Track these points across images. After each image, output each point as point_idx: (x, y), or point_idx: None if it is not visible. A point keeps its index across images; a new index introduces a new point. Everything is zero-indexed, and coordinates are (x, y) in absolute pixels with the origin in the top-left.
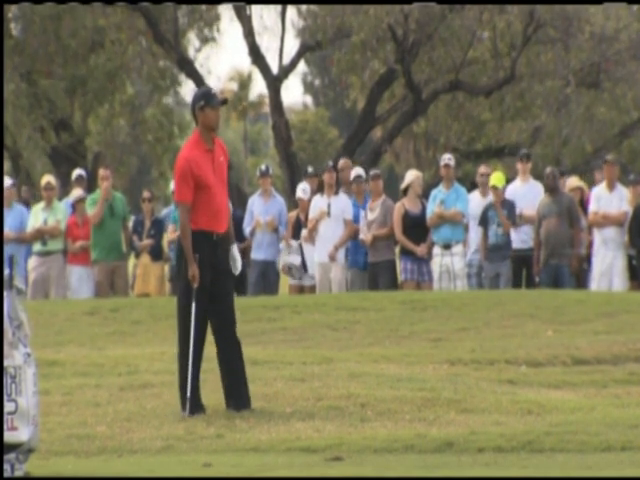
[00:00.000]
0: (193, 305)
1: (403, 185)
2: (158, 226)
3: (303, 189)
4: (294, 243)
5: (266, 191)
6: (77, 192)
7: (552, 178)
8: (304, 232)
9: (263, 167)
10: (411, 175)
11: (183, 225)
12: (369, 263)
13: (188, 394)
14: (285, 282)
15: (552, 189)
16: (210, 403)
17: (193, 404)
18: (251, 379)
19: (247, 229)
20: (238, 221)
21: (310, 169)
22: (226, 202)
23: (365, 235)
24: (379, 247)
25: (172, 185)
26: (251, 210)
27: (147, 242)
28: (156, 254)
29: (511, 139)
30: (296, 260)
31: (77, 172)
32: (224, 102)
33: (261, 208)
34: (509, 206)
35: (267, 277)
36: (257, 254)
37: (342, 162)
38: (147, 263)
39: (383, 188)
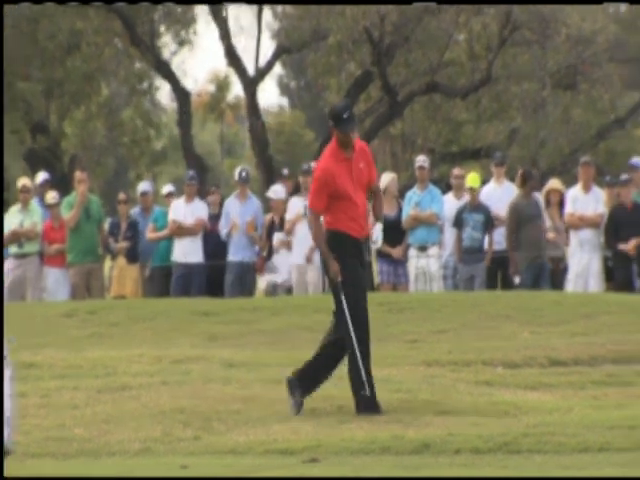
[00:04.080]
0: (343, 298)
1: None
2: (134, 228)
3: (275, 190)
4: (273, 260)
5: (243, 193)
6: (51, 195)
7: (535, 180)
8: (277, 236)
9: (243, 174)
10: (387, 177)
11: (315, 231)
12: None
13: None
14: (261, 284)
15: (528, 192)
16: (189, 405)
17: (373, 401)
18: (228, 381)
19: (223, 231)
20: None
21: (285, 171)
22: (365, 208)
23: None
24: None
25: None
26: (227, 212)
27: (123, 244)
28: (132, 256)
29: (488, 141)
30: (278, 278)
31: (42, 176)
32: (352, 129)
33: (237, 210)
34: (485, 210)
35: (244, 279)
36: (234, 256)
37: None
38: (123, 265)
39: None
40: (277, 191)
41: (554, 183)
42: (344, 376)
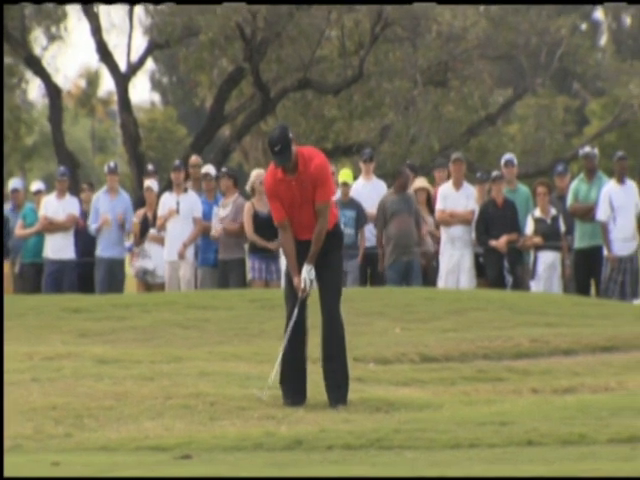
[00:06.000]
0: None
1: (248, 185)
2: (5, 225)
3: (153, 183)
4: (145, 246)
5: (112, 188)
6: None
7: (406, 178)
8: (151, 231)
9: (112, 164)
10: (258, 175)
11: (282, 243)
12: (219, 260)
13: None
14: (133, 279)
15: (403, 188)
16: (60, 402)
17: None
18: (100, 377)
19: (93, 226)
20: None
21: (150, 167)
22: (312, 220)
23: (216, 231)
24: (229, 245)
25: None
26: (96, 207)
27: None
28: (2, 252)
29: (359, 137)
30: (149, 264)
31: None
32: (282, 163)
33: (107, 205)
34: (357, 206)
35: (114, 275)
36: (104, 252)
37: (193, 159)
38: None
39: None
40: (154, 184)
41: (419, 181)
42: (214, 372)
